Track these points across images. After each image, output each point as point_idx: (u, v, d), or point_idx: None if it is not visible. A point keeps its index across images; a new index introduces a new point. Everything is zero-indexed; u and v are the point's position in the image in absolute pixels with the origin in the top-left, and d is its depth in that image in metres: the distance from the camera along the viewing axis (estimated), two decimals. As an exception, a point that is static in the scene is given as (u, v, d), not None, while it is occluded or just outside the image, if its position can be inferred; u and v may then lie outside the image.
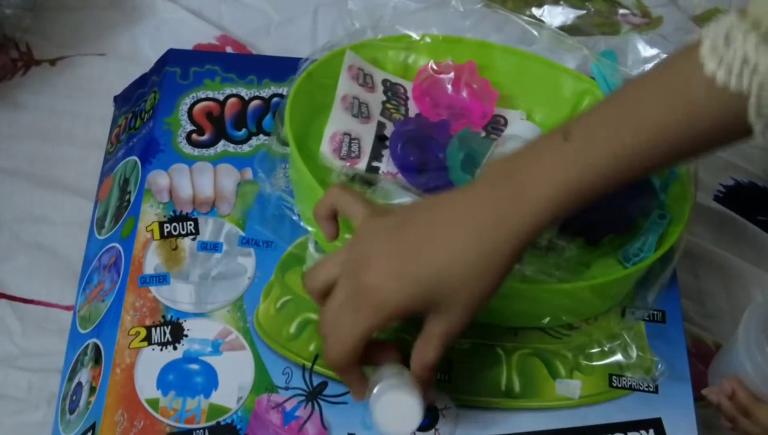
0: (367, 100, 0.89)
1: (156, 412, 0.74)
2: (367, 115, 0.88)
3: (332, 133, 0.85)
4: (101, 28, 1.08)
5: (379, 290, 0.65)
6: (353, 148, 0.85)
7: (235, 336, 0.79)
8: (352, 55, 0.91)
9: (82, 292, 0.85)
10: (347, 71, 0.89)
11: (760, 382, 0.77)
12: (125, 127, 0.94)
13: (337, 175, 0.82)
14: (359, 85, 0.89)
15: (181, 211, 0.85)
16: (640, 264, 0.80)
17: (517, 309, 0.79)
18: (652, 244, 0.82)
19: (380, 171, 0.84)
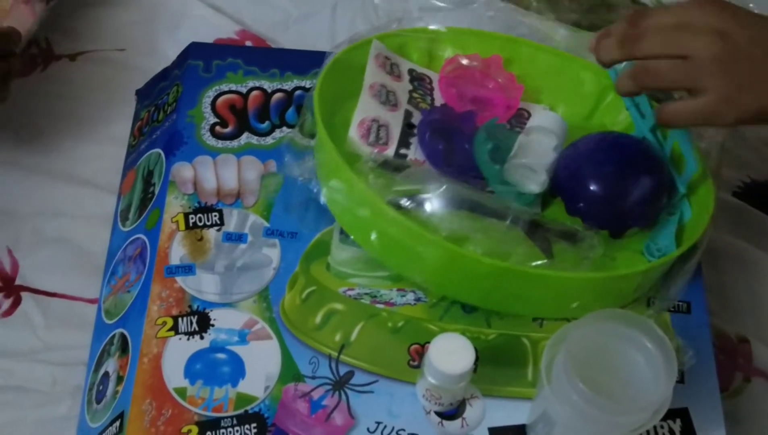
0: (394, 88, 0.89)
1: (184, 401, 0.74)
2: (395, 102, 0.88)
3: (361, 120, 0.85)
4: (120, 24, 1.08)
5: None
6: (381, 135, 0.85)
7: (261, 326, 0.79)
8: (379, 44, 0.91)
9: (107, 283, 0.85)
10: (374, 60, 0.90)
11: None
12: (148, 121, 0.95)
13: (366, 162, 0.82)
14: (386, 73, 0.90)
15: (205, 202, 0.85)
16: (664, 257, 0.80)
17: (544, 297, 0.79)
18: (671, 240, 0.83)
19: (408, 158, 0.84)
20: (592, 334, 0.68)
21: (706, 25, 0.71)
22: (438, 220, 0.78)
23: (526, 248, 0.79)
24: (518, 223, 0.80)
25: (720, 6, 0.71)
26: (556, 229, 0.82)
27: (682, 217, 0.84)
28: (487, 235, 0.78)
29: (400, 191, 0.80)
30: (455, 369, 0.72)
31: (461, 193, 0.81)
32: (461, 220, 0.79)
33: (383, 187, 0.79)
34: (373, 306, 0.80)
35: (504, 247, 0.77)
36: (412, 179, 0.81)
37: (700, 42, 0.70)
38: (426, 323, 0.80)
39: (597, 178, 0.82)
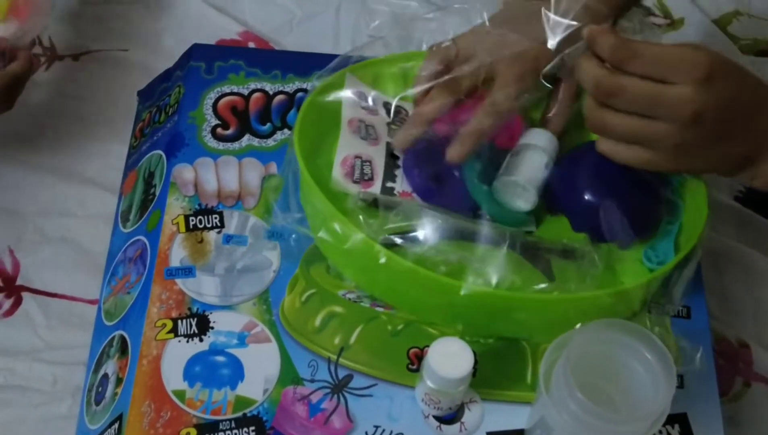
0: (372, 122, 0.87)
1: (182, 404, 0.74)
2: (375, 136, 0.87)
3: (343, 158, 0.84)
4: (124, 24, 1.08)
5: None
6: (366, 171, 0.84)
7: (261, 328, 0.79)
8: (352, 78, 0.89)
9: (107, 284, 0.86)
10: (350, 95, 0.88)
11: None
12: (149, 122, 0.95)
13: (354, 201, 0.81)
14: (362, 108, 0.88)
15: (206, 204, 0.85)
16: (665, 266, 0.80)
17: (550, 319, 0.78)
18: (670, 246, 0.83)
19: (395, 191, 0.83)
20: (592, 342, 0.68)
21: (679, 102, 0.70)
22: (436, 254, 0.77)
23: (526, 272, 0.79)
24: (515, 247, 0.79)
25: (705, 67, 0.70)
26: (554, 249, 0.81)
27: (670, 228, 0.84)
28: (485, 263, 0.77)
29: (393, 229, 0.79)
30: (454, 373, 0.72)
31: (455, 224, 0.80)
32: (458, 250, 0.78)
33: (376, 228, 0.78)
34: (372, 309, 0.80)
35: (505, 273, 0.76)
36: (404, 216, 0.80)
37: (666, 130, 0.71)
38: (425, 326, 0.80)
39: (603, 191, 0.81)
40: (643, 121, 0.71)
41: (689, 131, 0.70)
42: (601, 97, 0.72)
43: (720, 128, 0.71)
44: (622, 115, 0.72)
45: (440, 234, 0.79)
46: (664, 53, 0.70)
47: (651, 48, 0.70)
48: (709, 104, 0.70)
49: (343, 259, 0.81)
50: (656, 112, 0.71)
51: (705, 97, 0.69)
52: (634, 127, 0.72)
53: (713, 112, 0.70)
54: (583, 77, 0.72)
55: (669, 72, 0.69)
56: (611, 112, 0.72)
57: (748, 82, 0.73)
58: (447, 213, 0.82)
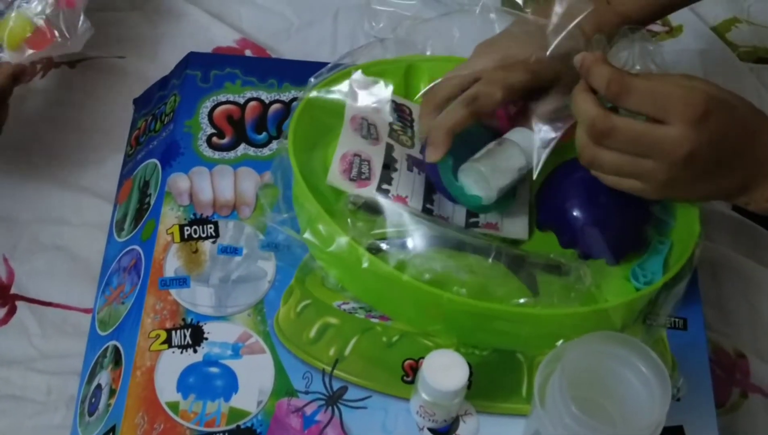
0: (375, 121, 0.87)
1: (176, 415, 0.74)
2: (376, 136, 0.86)
3: (343, 154, 0.84)
4: (121, 31, 1.08)
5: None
6: (363, 170, 0.83)
7: (255, 340, 0.78)
8: (360, 75, 0.89)
9: (102, 294, 0.85)
10: (355, 92, 0.88)
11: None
12: (145, 130, 0.94)
13: (345, 204, 0.81)
14: (366, 106, 0.88)
15: (201, 214, 0.85)
16: (652, 286, 0.80)
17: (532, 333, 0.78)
18: (659, 265, 0.82)
19: (390, 194, 0.83)
20: (587, 355, 0.68)
21: (672, 144, 0.70)
22: (421, 261, 0.77)
23: (511, 285, 0.78)
24: (501, 258, 0.79)
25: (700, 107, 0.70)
26: (540, 263, 0.81)
27: (661, 248, 0.83)
28: (471, 274, 0.77)
29: (381, 234, 0.79)
30: (449, 385, 0.72)
31: (442, 232, 0.80)
32: (444, 259, 0.78)
33: (362, 232, 0.78)
34: (367, 320, 0.80)
35: (489, 285, 0.77)
36: (392, 221, 0.80)
37: (657, 168, 0.71)
38: (421, 338, 0.79)
39: (590, 208, 0.81)
40: (635, 159, 0.71)
41: (681, 169, 0.71)
42: (594, 137, 0.72)
43: (713, 163, 0.71)
44: (614, 153, 0.72)
45: (427, 242, 0.79)
46: (658, 91, 0.70)
47: (645, 84, 0.70)
48: (702, 144, 0.70)
49: (329, 259, 0.80)
50: (648, 153, 0.71)
51: (698, 137, 0.69)
52: (624, 164, 0.72)
53: (706, 150, 0.70)
54: (578, 113, 0.73)
55: (662, 111, 0.70)
56: (603, 150, 0.72)
57: (742, 114, 0.73)
58: (435, 221, 0.82)
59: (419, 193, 0.84)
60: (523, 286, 0.79)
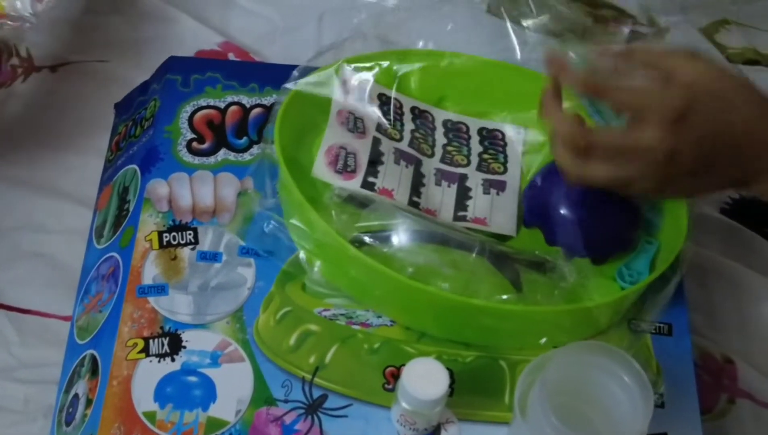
0: (362, 115, 0.88)
1: (153, 425, 0.73)
2: (362, 130, 0.87)
3: (328, 147, 0.84)
4: (103, 35, 1.07)
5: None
6: (349, 163, 0.83)
7: (234, 348, 0.77)
8: (348, 68, 0.89)
9: (80, 302, 0.84)
10: (342, 85, 0.88)
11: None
12: (125, 135, 0.93)
13: (330, 197, 0.81)
14: (354, 100, 0.88)
15: (180, 220, 0.84)
16: (637, 285, 0.80)
17: (514, 329, 0.78)
18: (646, 265, 0.82)
19: (375, 187, 0.83)
20: (568, 365, 0.67)
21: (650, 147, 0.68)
22: (404, 255, 0.77)
23: (494, 280, 0.78)
24: (485, 254, 0.79)
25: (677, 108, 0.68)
26: (524, 260, 0.80)
27: (649, 247, 0.83)
28: (454, 269, 0.77)
29: (365, 227, 0.79)
30: (429, 394, 0.71)
31: (427, 226, 0.80)
32: (428, 253, 0.78)
33: (347, 224, 0.78)
34: (348, 327, 0.79)
35: (472, 280, 0.76)
36: (377, 214, 0.80)
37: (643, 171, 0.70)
38: (402, 345, 0.78)
39: (577, 207, 0.80)
40: (622, 166, 0.70)
41: (667, 168, 0.69)
42: (575, 154, 0.71)
43: (702, 160, 0.69)
44: (600, 165, 0.71)
45: (411, 236, 0.78)
46: (634, 89, 0.69)
47: (619, 91, 0.69)
48: (684, 143, 0.68)
49: (313, 249, 0.80)
50: (632, 158, 0.69)
51: (677, 138, 0.68)
52: (613, 174, 0.71)
53: (691, 148, 0.68)
54: (554, 131, 0.72)
55: (638, 111, 0.68)
56: (589, 165, 0.71)
57: (738, 104, 0.70)
58: (421, 215, 0.82)
59: (406, 186, 0.84)
60: (507, 283, 0.79)
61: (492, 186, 0.88)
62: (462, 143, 0.91)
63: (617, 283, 0.81)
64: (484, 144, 0.91)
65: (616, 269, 0.82)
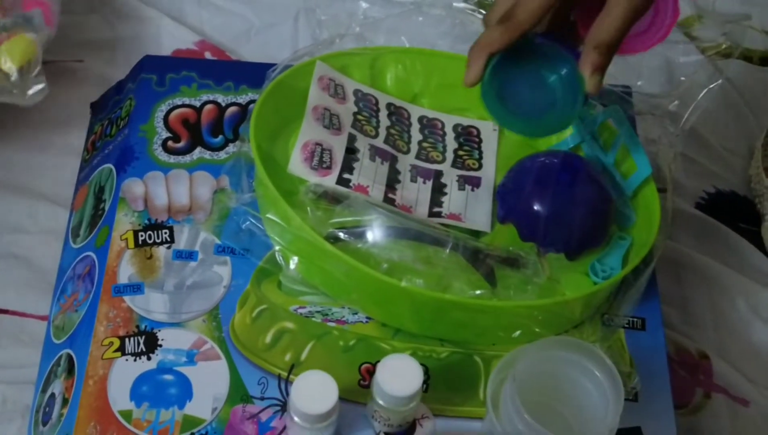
0: (338, 111, 0.88)
1: (129, 424, 0.73)
2: (338, 126, 0.87)
3: (304, 143, 0.84)
4: (79, 34, 1.07)
5: None
6: (324, 159, 0.84)
7: (210, 346, 0.77)
8: (323, 65, 0.90)
9: (57, 302, 0.84)
10: (318, 82, 0.89)
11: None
12: (101, 135, 0.93)
13: (305, 193, 0.81)
14: (330, 96, 0.89)
15: (156, 219, 0.84)
16: (609, 280, 0.80)
17: (488, 324, 0.78)
18: (618, 260, 0.82)
19: (351, 183, 0.83)
20: (539, 361, 0.68)
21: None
22: (378, 251, 0.78)
23: (468, 276, 0.78)
24: (459, 250, 0.79)
25: None
26: (498, 256, 0.81)
27: (622, 243, 0.83)
28: (428, 265, 0.77)
29: (339, 223, 0.79)
30: (403, 391, 0.71)
31: (401, 223, 0.80)
32: (402, 249, 0.78)
33: (321, 220, 0.78)
34: (324, 324, 0.79)
35: (446, 276, 0.77)
36: (351, 210, 0.80)
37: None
38: (378, 342, 0.79)
39: (550, 203, 0.81)
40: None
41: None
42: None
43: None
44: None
45: (386, 232, 0.79)
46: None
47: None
48: None
49: (288, 244, 0.80)
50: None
51: None
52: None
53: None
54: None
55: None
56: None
57: None
58: (396, 212, 0.82)
59: (381, 182, 0.85)
60: (481, 278, 0.79)
61: (467, 182, 0.88)
62: (437, 140, 0.91)
63: (590, 278, 0.82)
64: (459, 140, 0.91)
65: (589, 265, 0.82)
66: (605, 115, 0.88)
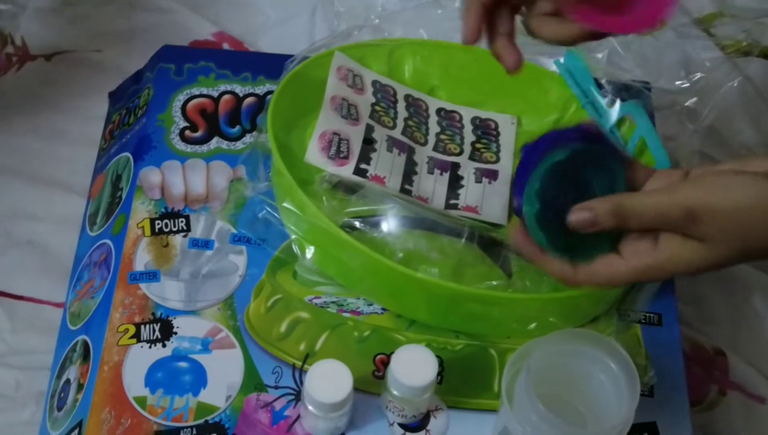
0: (356, 102, 0.88)
1: (143, 410, 0.73)
2: (356, 117, 0.87)
3: (321, 132, 0.84)
4: (97, 25, 1.07)
5: None
6: (342, 149, 0.84)
7: (225, 334, 0.78)
8: (341, 56, 0.90)
9: (73, 288, 0.85)
10: (336, 72, 0.89)
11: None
12: (119, 124, 0.94)
13: (320, 183, 0.81)
14: (348, 86, 0.89)
15: (172, 208, 0.84)
16: None
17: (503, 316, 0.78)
18: None
19: (368, 174, 0.83)
20: (555, 353, 0.67)
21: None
22: (394, 241, 0.78)
23: (484, 267, 0.78)
24: (474, 240, 0.79)
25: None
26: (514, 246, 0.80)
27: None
28: (444, 255, 0.77)
29: (354, 213, 0.79)
30: (418, 381, 0.71)
31: (417, 213, 0.80)
32: (417, 239, 0.78)
33: (337, 209, 0.79)
34: (339, 315, 0.79)
35: (461, 266, 0.77)
36: (366, 200, 0.80)
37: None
38: (392, 333, 0.79)
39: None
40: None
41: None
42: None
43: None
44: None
45: (401, 222, 0.79)
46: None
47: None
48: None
49: (304, 233, 0.80)
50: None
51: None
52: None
53: None
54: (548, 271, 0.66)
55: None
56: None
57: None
58: (413, 202, 0.82)
59: (398, 173, 0.85)
60: (496, 268, 0.79)
61: (484, 175, 0.88)
62: (455, 132, 0.91)
63: None
64: (477, 133, 0.91)
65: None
66: (624, 110, 0.88)
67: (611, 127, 0.88)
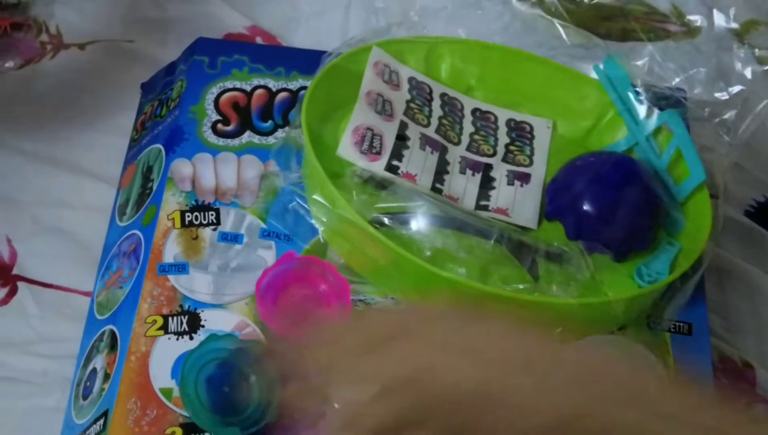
0: (391, 98, 0.88)
1: (169, 402, 0.73)
2: (390, 112, 0.87)
3: (355, 126, 0.84)
4: (130, 15, 1.07)
5: None
6: (375, 144, 0.84)
7: (252, 329, 0.77)
8: (379, 51, 0.90)
9: (101, 278, 0.85)
10: (372, 67, 0.89)
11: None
12: (151, 115, 0.94)
13: (351, 177, 0.81)
14: (384, 81, 0.89)
15: (203, 200, 0.84)
16: (654, 284, 0.79)
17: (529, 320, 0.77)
18: (666, 266, 0.82)
19: (399, 171, 0.83)
20: None
21: None
22: (422, 238, 0.77)
23: (511, 269, 0.78)
24: (503, 241, 0.78)
25: None
26: (542, 250, 0.80)
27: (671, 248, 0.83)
28: (471, 255, 0.77)
29: (384, 208, 0.79)
30: None
31: (446, 212, 0.80)
32: (445, 238, 0.78)
33: (366, 204, 0.78)
34: (366, 313, 0.79)
35: (488, 266, 0.76)
36: (396, 196, 0.80)
37: None
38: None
39: (598, 202, 0.80)
40: None
41: None
42: None
43: None
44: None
45: (430, 220, 0.78)
46: None
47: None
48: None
49: (333, 227, 0.80)
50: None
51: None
52: None
53: None
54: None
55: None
56: None
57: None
58: (443, 201, 0.82)
59: (429, 172, 0.84)
60: (523, 271, 0.78)
61: (516, 178, 0.88)
62: (489, 133, 0.91)
63: (635, 281, 0.81)
64: (511, 135, 0.91)
65: (635, 267, 0.81)
66: (661, 119, 0.87)
67: (647, 136, 0.87)
